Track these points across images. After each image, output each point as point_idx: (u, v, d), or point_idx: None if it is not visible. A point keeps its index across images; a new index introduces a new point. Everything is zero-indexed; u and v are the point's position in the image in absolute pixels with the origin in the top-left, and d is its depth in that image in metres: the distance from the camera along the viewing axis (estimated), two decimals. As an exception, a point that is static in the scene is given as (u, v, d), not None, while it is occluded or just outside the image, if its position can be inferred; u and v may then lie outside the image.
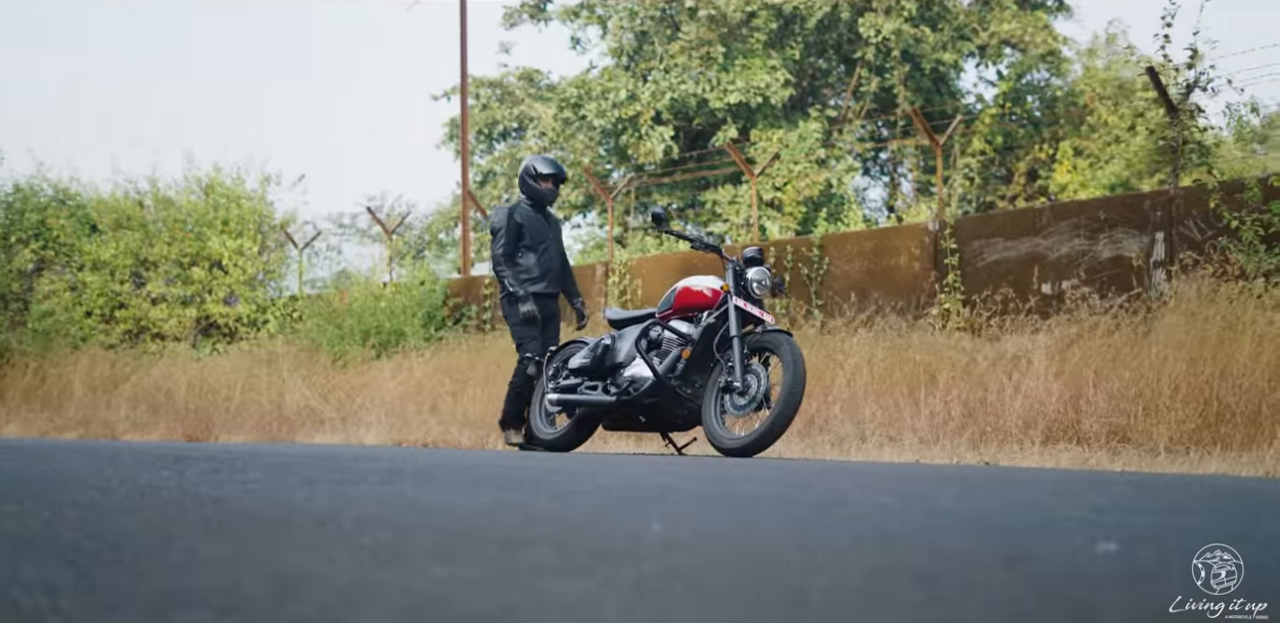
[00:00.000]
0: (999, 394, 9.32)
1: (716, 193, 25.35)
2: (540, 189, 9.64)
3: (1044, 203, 24.59)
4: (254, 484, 4.41)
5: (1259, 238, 10.61)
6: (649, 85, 25.21)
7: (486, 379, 13.44)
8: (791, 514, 3.42)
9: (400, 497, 3.89)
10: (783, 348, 7.77)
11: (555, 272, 9.64)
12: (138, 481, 4.59)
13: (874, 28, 25.15)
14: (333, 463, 5.67)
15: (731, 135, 25.14)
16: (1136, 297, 11.47)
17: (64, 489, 4.22)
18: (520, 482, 4.49)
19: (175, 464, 5.56)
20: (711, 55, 25.27)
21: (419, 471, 5.00)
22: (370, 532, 3.07)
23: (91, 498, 3.98)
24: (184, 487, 4.31)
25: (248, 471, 5.19)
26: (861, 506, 3.72)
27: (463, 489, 4.15)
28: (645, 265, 16.19)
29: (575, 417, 8.87)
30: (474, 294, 18.03)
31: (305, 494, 3.94)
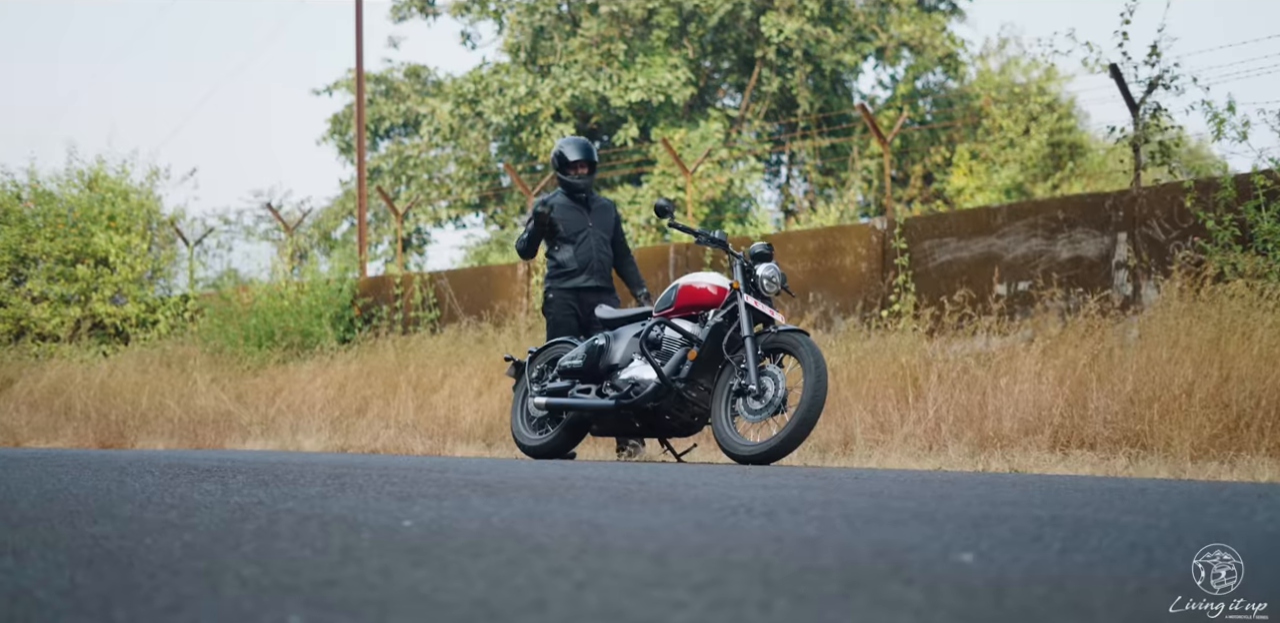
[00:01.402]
0: (992, 398, 8.98)
1: (615, 192, 24.87)
2: (570, 179, 9.02)
3: (1001, 201, 24.56)
4: (347, 499, 3.84)
5: (1234, 238, 10.43)
6: (549, 82, 24.65)
7: (419, 382, 12.81)
8: (1062, 534, 2.95)
9: (560, 515, 3.35)
10: (801, 349, 7.31)
11: (599, 264, 9.01)
12: (208, 496, 3.98)
13: (776, 27, 24.89)
14: (372, 473, 5.09)
15: (632, 134, 24.70)
16: (1106, 298, 11.24)
17: (142, 507, 3.60)
18: (646, 496, 3.96)
19: (196, 475, 4.93)
20: (613, 52, 24.80)
21: (511, 483, 4.44)
22: (608, 558, 2.54)
23: (178, 517, 3.39)
24: (267, 502, 3.73)
25: (299, 483, 4.59)
26: (1095, 522, 3.27)
27: (608, 506, 3.62)
28: (571, 264, 15.64)
29: (564, 422, 8.32)
30: (384, 294, 17.34)
31: (449, 513, 3.38)
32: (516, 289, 15.96)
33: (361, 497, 4.05)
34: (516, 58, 26.04)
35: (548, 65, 25.43)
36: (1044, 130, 27.05)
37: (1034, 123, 27.21)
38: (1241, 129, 10.40)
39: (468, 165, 26.90)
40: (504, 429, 11.39)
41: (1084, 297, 11.57)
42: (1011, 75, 28.83)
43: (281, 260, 19.24)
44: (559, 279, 8.99)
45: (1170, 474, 7.25)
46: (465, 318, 15.90)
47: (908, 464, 8.10)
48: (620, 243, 9.24)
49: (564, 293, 8.95)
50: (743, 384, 7.41)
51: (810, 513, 3.45)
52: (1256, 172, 10.65)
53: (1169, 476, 7.27)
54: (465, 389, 12.27)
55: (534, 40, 25.94)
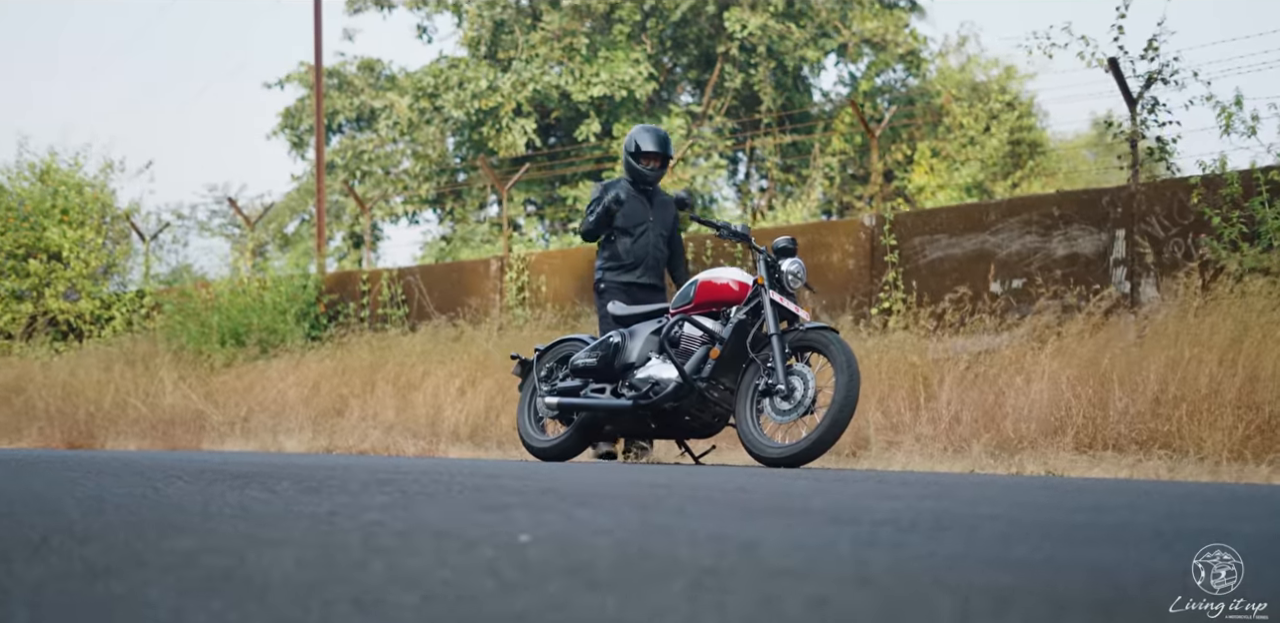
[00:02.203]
0: (1010, 398, 8.75)
1: (576, 189, 24.56)
2: (641, 168, 8.63)
3: (962, 199, 24.42)
4: (429, 510, 3.52)
5: (1240, 235, 10.27)
6: (510, 76, 24.29)
7: (398, 380, 12.45)
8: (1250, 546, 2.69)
9: (689, 530, 3.05)
10: (832, 347, 7.05)
11: (654, 260, 8.60)
12: (265, 505, 3.65)
13: (740, 22, 24.65)
14: (421, 478, 4.76)
15: (594, 130, 24.39)
16: (1105, 295, 11.05)
17: (204, 517, 3.27)
18: (766, 506, 3.68)
19: (229, 480, 4.58)
20: (575, 46, 24.47)
21: (594, 491, 4.14)
22: (806, 583, 2.26)
23: (256, 528, 3.06)
24: (341, 511, 3.40)
25: (350, 490, 4.26)
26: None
27: (733, 518, 3.33)
28: (548, 261, 15.33)
29: (576, 423, 8.01)
30: (351, 290, 16.95)
31: (560, 527, 3.07)
32: (490, 286, 15.63)
33: (442, 507, 3.74)
34: (476, 51, 25.66)
35: (508, 59, 25.06)
36: (1005, 129, 26.97)
37: (994, 121, 27.13)
38: (1251, 124, 10.24)
39: (424, 160, 26.48)
40: (491, 429, 11.08)
41: (1081, 295, 11.39)
42: (972, 73, 28.76)
43: (243, 256, 18.78)
44: (613, 271, 8.61)
45: (1210, 477, 7.05)
46: (438, 315, 15.54)
47: (934, 466, 7.86)
48: (676, 241, 8.87)
49: (617, 286, 8.56)
50: (770, 384, 7.14)
51: (990, 528, 3.17)
52: (1255, 168, 10.50)
53: (1211, 479, 7.07)
54: (447, 388, 11.94)
55: (494, 34, 25.56)
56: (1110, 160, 35.84)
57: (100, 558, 2.74)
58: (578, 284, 14.81)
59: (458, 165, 26.62)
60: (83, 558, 2.73)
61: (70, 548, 2.91)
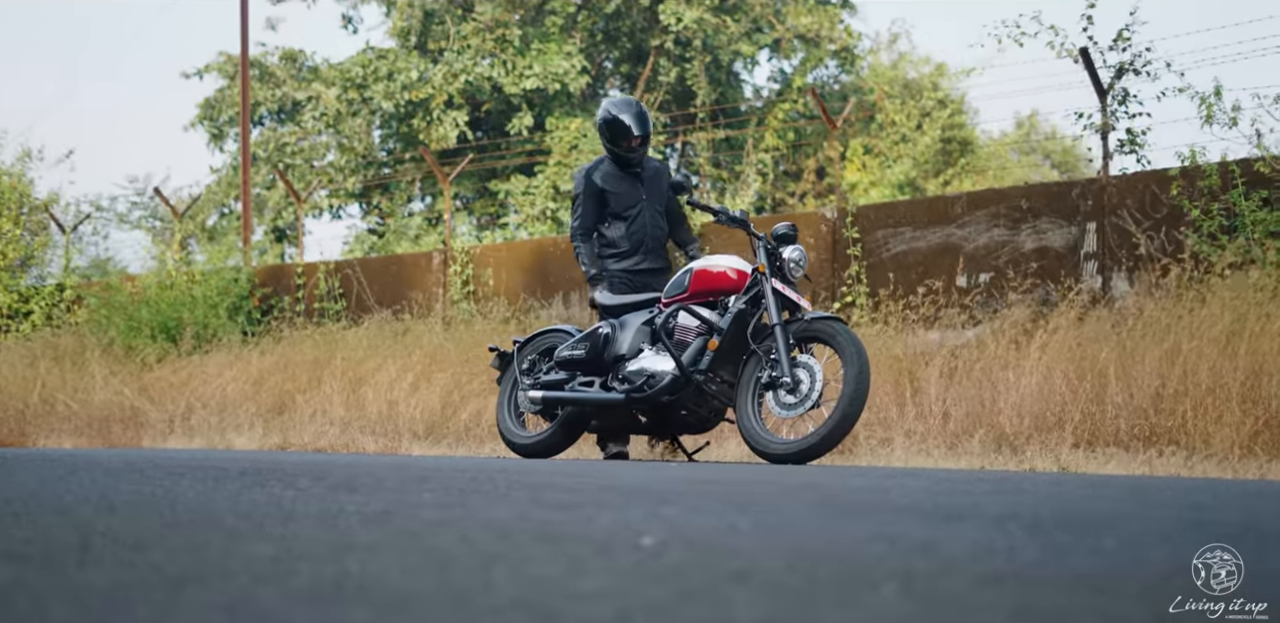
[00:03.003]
0: (1003, 393, 8.49)
1: (508, 183, 24.10)
2: (622, 152, 7.95)
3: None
4: (496, 508, 3.14)
5: (1219, 228, 10.09)
6: (441, 67, 23.77)
7: (346, 375, 11.98)
8: None
9: (819, 530, 2.70)
10: (839, 338, 6.72)
11: (653, 241, 7.98)
12: (305, 505, 3.24)
13: (675, 15, 24.33)
14: (458, 476, 4.36)
15: (527, 123, 23.95)
16: (1084, 291, 10.84)
17: (255, 521, 2.86)
18: (867, 504, 3.33)
19: (237, 479, 4.16)
20: (507, 38, 24.01)
21: (667, 489, 3.76)
22: (1032, 592, 1.92)
23: (328, 533, 2.67)
24: (396, 510, 3.01)
25: (388, 488, 3.86)
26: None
27: (845, 516, 2.98)
28: (493, 254, 14.90)
29: (561, 417, 7.62)
30: (285, 284, 16.42)
31: (667, 526, 2.71)
32: (433, 279, 15.18)
33: (504, 505, 3.36)
34: (406, 42, 25.10)
35: (439, 50, 24.54)
36: (936, 126, 26.88)
37: (927, 119, 27.04)
38: (1233, 114, 10.07)
39: (350, 153, 25.89)
40: (448, 425, 10.66)
41: (1051, 288, 11.18)
42: (904, 71, 28.66)
43: (170, 248, 18.15)
44: (611, 259, 8.04)
45: (1234, 474, 6.81)
46: (380, 309, 15.06)
47: (937, 463, 7.57)
48: (674, 211, 8.26)
49: (621, 275, 7.99)
50: (774, 376, 6.80)
51: (1134, 527, 2.84)
52: (1225, 159, 10.32)
53: (1237, 475, 6.83)
54: (399, 383, 11.49)
55: (424, 24, 25.02)
56: (1035, 160, 35.99)
57: (170, 564, 2.35)
58: (525, 277, 14.42)
59: (385, 159, 26.05)
60: (151, 564, 2.33)
61: (123, 553, 2.50)
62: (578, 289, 14.06)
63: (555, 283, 14.21)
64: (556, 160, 23.60)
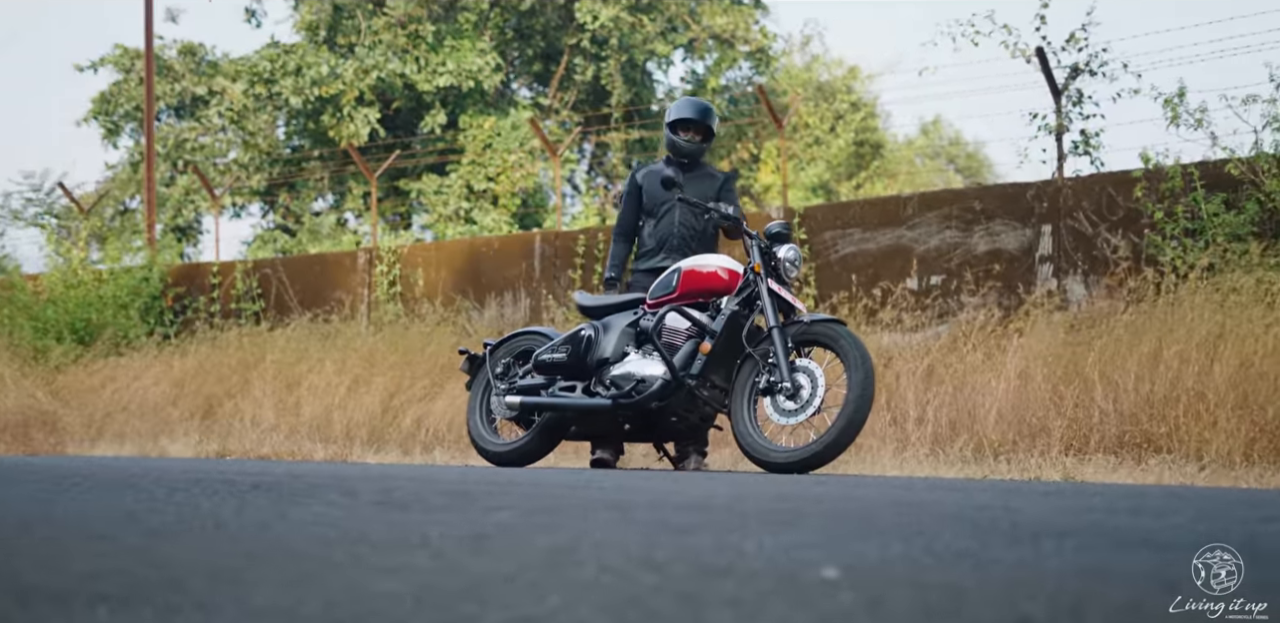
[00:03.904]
0: (983, 398, 8.26)
1: (420, 182, 23.58)
2: (676, 139, 7.66)
3: (809, 199, 24.03)
4: (612, 530, 2.78)
5: (1183, 232, 9.97)
6: (352, 62, 23.19)
7: (275, 378, 11.48)
8: None
9: (962, 554, 2.39)
10: (842, 341, 6.42)
11: (680, 240, 7.53)
12: (369, 523, 2.86)
13: (591, 14, 23.98)
14: (512, 491, 3.99)
15: (440, 121, 23.46)
16: (1041, 294, 10.68)
17: (322, 544, 2.48)
18: (1001, 524, 3.02)
19: (240, 493, 3.75)
20: (420, 34, 23.49)
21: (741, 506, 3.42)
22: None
23: (439, 562, 2.30)
24: (492, 533, 2.65)
25: (440, 506, 3.48)
26: None
27: (971, 537, 2.67)
28: (422, 254, 14.45)
29: (538, 424, 7.24)
30: (199, 283, 15.81)
31: (821, 552, 2.37)
32: (357, 279, 14.69)
33: (622, 527, 3.00)
34: (315, 36, 24.46)
35: (349, 45, 23.95)
36: (850, 129, 26.85)
37: (840, 121, 26.99)
38: (1199, 116, 9.95)
39: (255, 150, 25.20)
40: (388, 431, 10.24)
41: (1007, 291, 11.01)
42: (817, 73, 28.58)
43: (76, 245, 17.44)
44: (639, 259, 7.69)
45: (1250, 483, 6.61)
46: (303, 310, 14.54)
47: (935, 471, 7.30)
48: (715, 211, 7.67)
49: (641, 276, 7.60)
50: (772, 381, 6.48)
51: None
52: (1180, 161, 10.21)
53: (1258, 485, 6.64)
54: (335, 387, 11.02)
55: (334, 18, 24.41)
56: (939, 164, 36.16)
57: (300, 606, 1.97)
58: (457, 278, 14.00)
59: (292, 156, 25.39)
60: (280, 612, 1.95)
61: (224, 590, 2.12)
62: (512, 290, 13.68)
63: (488, 284, 13.81)
64: (470, 159, 23.16)
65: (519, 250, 13.82)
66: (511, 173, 22.94)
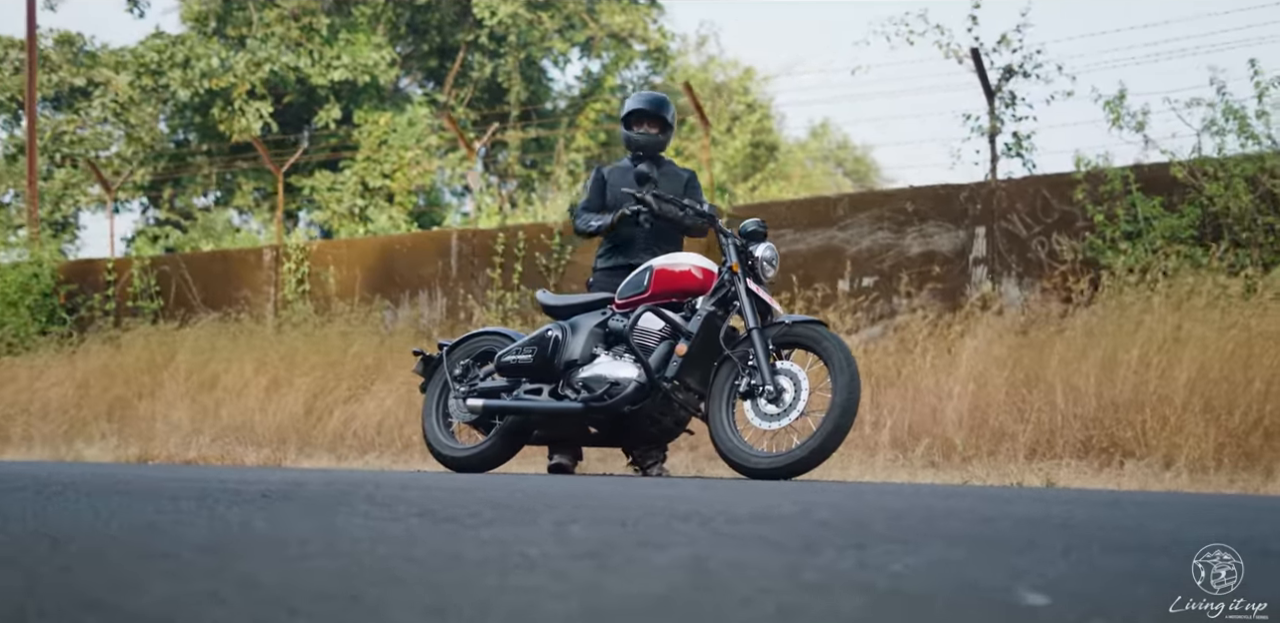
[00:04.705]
0: (946, 402, 8.12)
1: (313, 178, 23.03)
2: (633, 134, 7.38)
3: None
4: (724, 549, 2.53)
5: (1121, 234, 9.95)
6: (244, 55, 22.57)
7: (188, 379, 11.02)
8: None
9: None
10: (825, 343, 6.22)
11: (646, 240, 7.20)
12: (449, 542, 2.58)
13: (489, 9, 23.63)
14: (527, 500, 3.71)
15: (334, 116, 22.94)
16: (976, 296, 10.60)
17: (418, 564, 2.21)
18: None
19: (245, 503, 3.44)
20: (314, 27, 22.95)
21: (836, 520, 3.18)
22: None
23: (566, 588, 2.04)
24: (600, 552, 2.39)
25: (478, 516, 3.20)
26: None
27: (1124, 561, 2.47)
28: (332, 251, 14.03)
29: (500, 428, 6.93)
30: (93, 280, 15.21)
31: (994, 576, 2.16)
32: (263, 277, 14.22)
33: (732, 545, 2.76)
34: (203, 27, 23.77)
35: (240, 37, 23.32)
36: (746, 130, 26.78)
37: (736, 122, 26.91)
38: (1141, 119, 9.93)
39: (138, 144, 24.44)
40: (313, 433, 9.86)
41: (938, 293, 10.93)
42: (712, 74, 28.47)
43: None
44: (600, 258, 7.38)
45: (1238, 488, 6.54)
46: (206, 309, 14.03)
47: (914, 477, 7.13)
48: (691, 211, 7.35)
49: (603, 275, 7.30)
50: (753, 384, 6.26)
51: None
52: (1109, 166, 10.20)
53: (1244, 490, 6.56)
54: (252, 388, 10.60)
55: (224, 9, 23.74)
56: (828, 168, 36.28)
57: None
58: (369, 276, 13.61)
59: (179, 150, 24.66)
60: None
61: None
62: (427, 289, 13.33)
63: (403, 282, 13.45)
64: (365, 156, 22.68)
65: (434, 248, 13.47)
66: (408, 170, 22.49)
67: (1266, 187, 9.32)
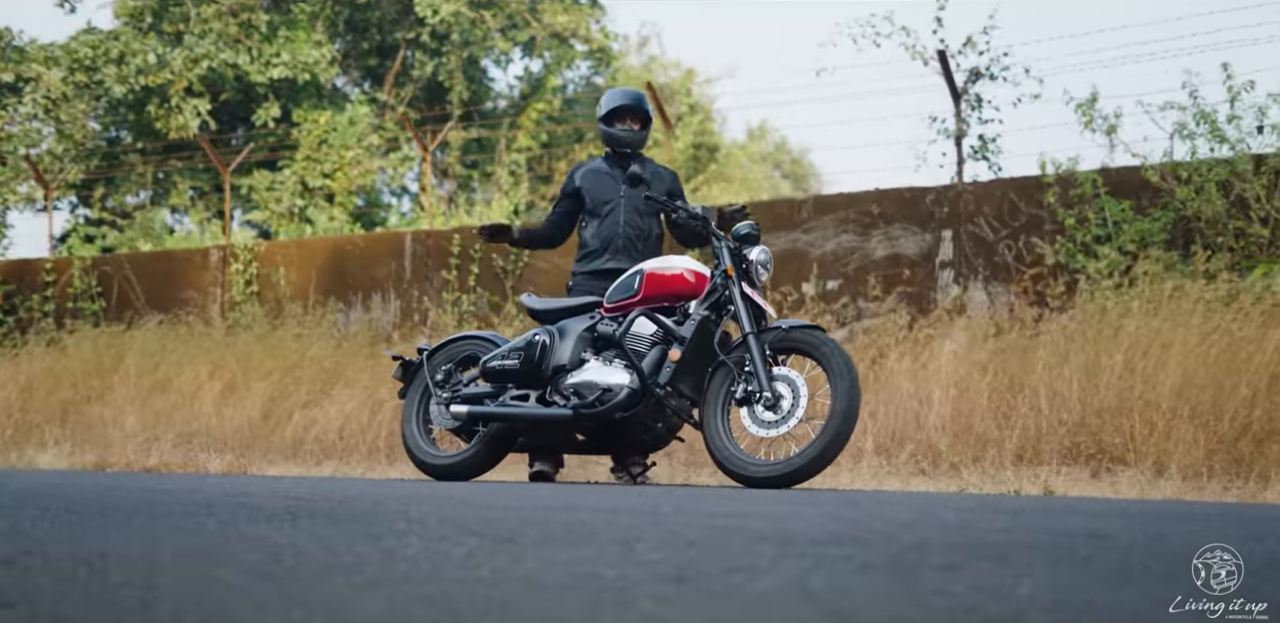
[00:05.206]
0: (921, 406, 8.02)
1: (251, 177, 22.64)
2: (614, 131, 7.25)
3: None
4: (873, 581, 2.38)
5: (1092, 238, 9.90)
6: (181, 51, 22.13)
7: (139, 382, 10.72)
8: None
9: None
10: (823, 349, 6.08)
11: (626, 241, 7.06)
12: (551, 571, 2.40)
13: (431, 8, 23.34)
14: (580, 516, 3.53)
15: (274, 114, 22.56)
16: (945, 300, 10.52)
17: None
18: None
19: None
20: (253, 23, 22.56)
21: (953, 547, 3.03)
22: None
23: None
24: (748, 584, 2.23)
25: (527, 535, 3.02)
26: None
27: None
28: (281, 251, 13.74)
29: (484, 435, 6.74)
30: (31, 281, 14.81)
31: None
32: (209, 278, 13.91)
33: (820, 573, 2.60)
34: (138, 23, 23.28)
35: (177, 33, 22.87)
36: (689, 132, 26.66)
37: (678, 124, 26.78)
38: (1113, 122, 9.88)
39: (69, 141, 23.89)
40: (272, 439, 9.60)
41: (905, 297, 10.85)
42: (654, 75, 28.32)
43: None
44: (580, 261, 7.21)
45: (1234, 497, 6.46)
46: (151, 311, 13.69)
47: (905, 485, 7.01)
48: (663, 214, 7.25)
49: (583, 279, 7.14)
50: (749, 391, 6.10)
51: None
52: (1082, 170, 10.15)
53: (1239, 499, 6.49)
54: (206, 392, 10.32)
55: (160, 5, 23.27)
56: (766, 170, 36.26)
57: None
58: (321, 278, 13.33)
59: (112, 148, 24.15)
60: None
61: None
62: (381, 290, 13.08)
63: (355, 284, 13.19)
64: (305, 155, 22.33)
65: (387, 249, 13.23)
66: (349, 170, 22.16)
67: (1238, 191, 9.30)
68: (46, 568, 2.50)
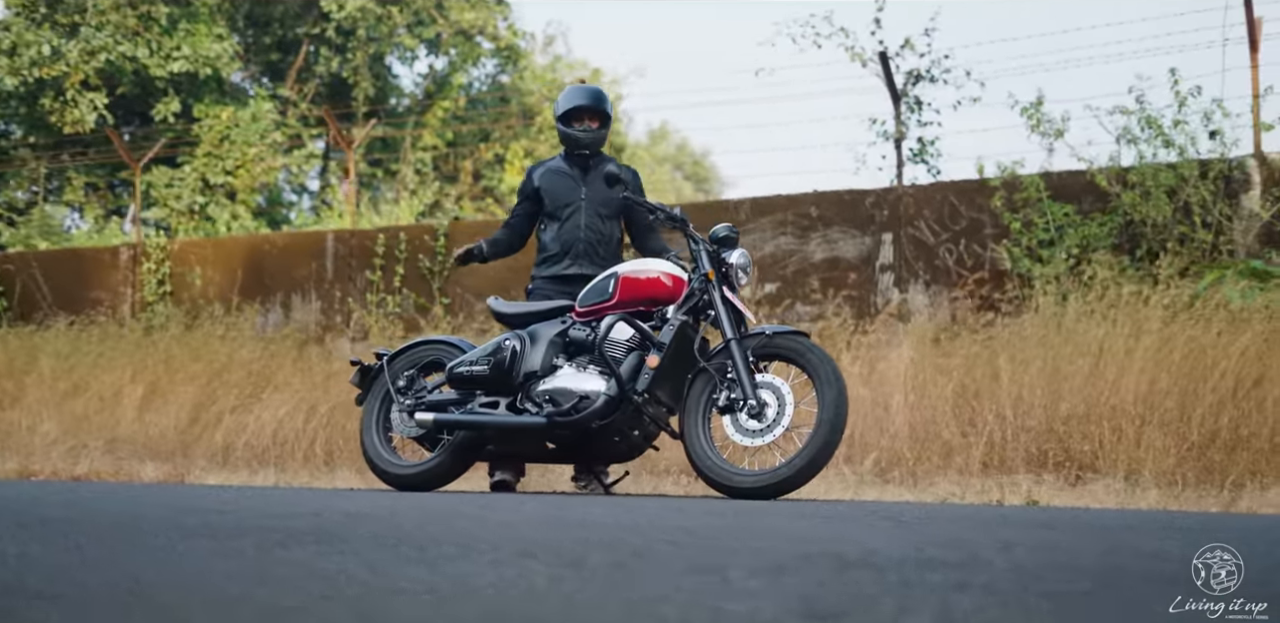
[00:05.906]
0: (882, 412, 7.88)
1: (151, 174, 22.01)
2: (575, 133, 6.99)
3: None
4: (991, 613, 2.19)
5: (1037, 242, 9.85)
6: (77, 43, 21.45)
7: (54, 382, 10.28)
8: None
9: None
10: (809, 356, 5.90)
11: (586, 245, 6.85)
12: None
13: (337, 3, 22.89)
14: (634, 536, 3.30)
15: (174, 109, 21.95)
16: (885, 304, 10.41)
17: None
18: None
19: (281, 545, 2.98)
20: (153, 16, 21.93)
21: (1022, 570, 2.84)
22: None
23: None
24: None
25: (583, 560, 2.80)
26: None
27: None
28: (196, 251, 13.30)
29: (450, 443, 6.46)
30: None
31: None
32: (119, 278, 13.43)
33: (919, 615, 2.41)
34: (31, 13, 22.52)
35: (73, 25, 22.16)
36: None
37: (585, 124, 26.54)
38: (1060, 125, 9.83)
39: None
40: (203, 446, 9.23)
41: (845, 300, 10.73)
42: (560, 74, 28.03)
43: None
44: (540, 266, 6.98)
45: (1223, 507, 6.38)
46: (55, 311, 13.18)
47: (880, 494, 6.85)
48: (636, 214, 7.00)
49: (544, 283, 6.90)
50: (732, 398, 5.90)
51: None
52: (1026, 174, 10.11)
53: (1223, 509, 6.41)
54: (127, 396, 9.90)
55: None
56: (668, 172, 36.15)
57: None
58: (236, 277, 12.93)
59: (4, 142, 23.36)
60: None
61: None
62: (301, 291, 12.71)
63: (273, 285, 12.81)
64: (206, 151, 21.75)
65: (308, 249, 12.86)
66: (252, 167, 21.63)
67: (1183, 197, 9.30)
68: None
